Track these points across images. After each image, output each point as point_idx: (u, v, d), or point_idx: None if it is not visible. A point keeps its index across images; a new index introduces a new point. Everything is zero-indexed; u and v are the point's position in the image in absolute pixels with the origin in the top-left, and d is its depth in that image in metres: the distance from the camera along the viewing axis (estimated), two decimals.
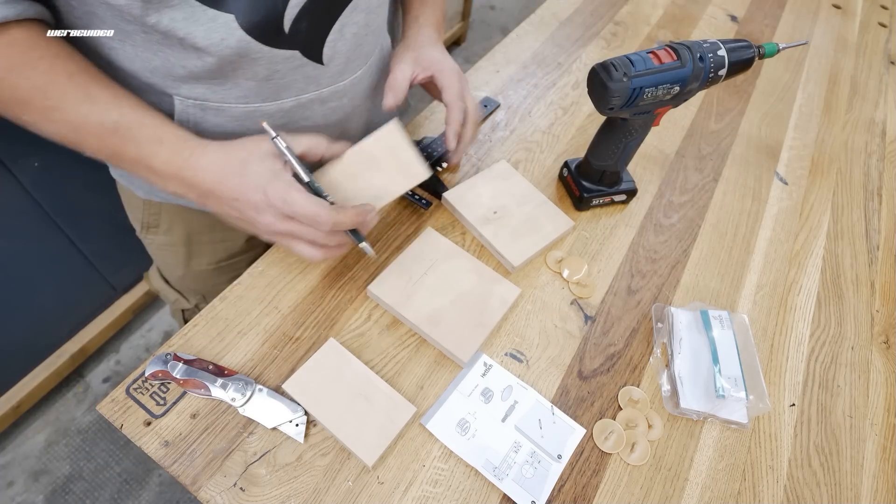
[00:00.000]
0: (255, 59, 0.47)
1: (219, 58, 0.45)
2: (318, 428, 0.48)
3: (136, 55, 0.46)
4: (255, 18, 0.44)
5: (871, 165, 0.86)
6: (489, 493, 0.47)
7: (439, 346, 0.53)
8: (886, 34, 1.15)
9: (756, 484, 0.52)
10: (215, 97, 0.50)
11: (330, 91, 0.55)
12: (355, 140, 0.69)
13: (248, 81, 0.50)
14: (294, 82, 0.52)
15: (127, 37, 0.44)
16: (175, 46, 0.45)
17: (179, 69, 0.47)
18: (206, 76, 0.48)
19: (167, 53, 0.45)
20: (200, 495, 0.44)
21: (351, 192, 0.52)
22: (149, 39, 0.44)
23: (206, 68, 0.47)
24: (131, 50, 0.46)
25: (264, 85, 0.51)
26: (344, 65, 0.54)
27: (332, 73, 0.54)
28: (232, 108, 0.51)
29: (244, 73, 0.48)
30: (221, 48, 0.45)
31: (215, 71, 0.47)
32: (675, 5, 1.06)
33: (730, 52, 0.54)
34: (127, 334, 1.38)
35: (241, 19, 0.44)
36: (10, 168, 0.90)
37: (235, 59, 0.46)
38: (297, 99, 0.54)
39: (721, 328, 0.58)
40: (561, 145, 0.76)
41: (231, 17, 0.43)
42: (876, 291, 0.70)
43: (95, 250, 1.14)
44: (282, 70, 0.50)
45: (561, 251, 0.64)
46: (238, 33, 0.44)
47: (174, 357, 0.48)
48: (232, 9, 0.43)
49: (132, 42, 0.45)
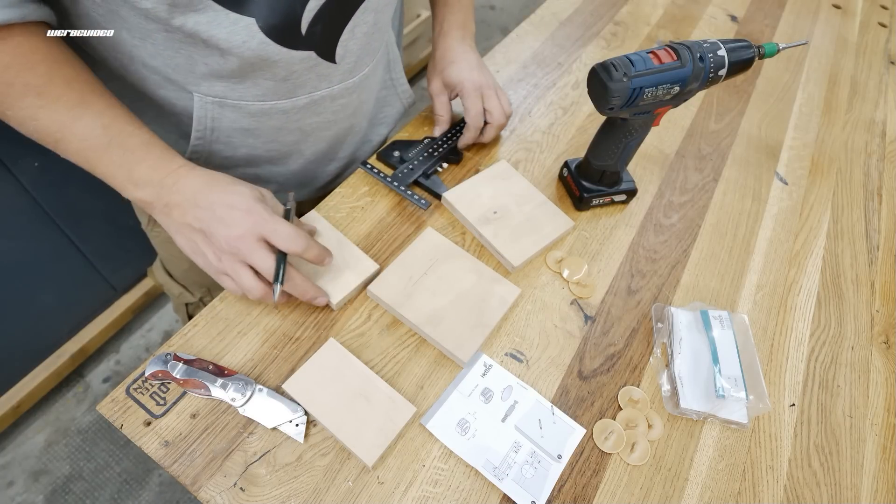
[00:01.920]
0: (274, 61, 0.49)
1: (240, 59, 0.47)
2: (318, 428, 0.48)
3: (158, 53, 0.47)
4: (274, 21, 0.46)
5: (871, 165, 0.86)
6: (489, 493, 0.47)
7: (439, 346, 0.53)
8: (886, 34, 1.15)
9: (756, 484, 0.52)
10: (234, 94, 0.52)
11: (340, 88, 0.57)
12: (359, 135, 0.71)
13: (266, 81, 0.51)
14: (308, 81, 0.54)
15: (147, 35, 0.45)
16: (199, 45, 0.46)
17: (202, 67, 0.48)
18: (228, 75, 0.49)
19: (190, 51, 0.47)
20: (200, 495, 0.44)
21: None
22: (171, 38, 0.45)
23: (229, 67, 0.48)
24: (152, 48, 0.46)
25: (281, 84, 0.52)
26: (354, 63, 0.56)
27: (343, 71, 0.56)
28: (249, 106, 0.53)
29: (263, 73, 0.50)
30: (243, 50, 0.46)
31: (236, 70, 0.49)
32: (675, 5, 1.06)
33: (730, 52, 0.54)
34: (127, 334, 1.38)
35: (261, 22, 0.45)
36: (10, 168, 0.90)
37: (256, 60, 0.48)
38: (310, 96, 0.55)
39: (721, 328, 0.58)
40: (561, 145, 0.76)
41: (252, 20, 0.44)
42: (876, 291, 0.70)
43: (95, 250, 1.14)
44: (298, 70, 0.51)
45: (561, 251, 0.64)
46: (259, 36, 0.46)
47: (174, 357, 0.48)
48: (253, 12, 0.44)
49: (153, 41, 0.46)
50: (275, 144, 0.59)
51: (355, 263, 0.56)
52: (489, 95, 0.65)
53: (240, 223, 0.45)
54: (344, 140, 0.67)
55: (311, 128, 0.59)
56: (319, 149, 0.64)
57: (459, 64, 0.66)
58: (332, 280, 0.54)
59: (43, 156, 0.93)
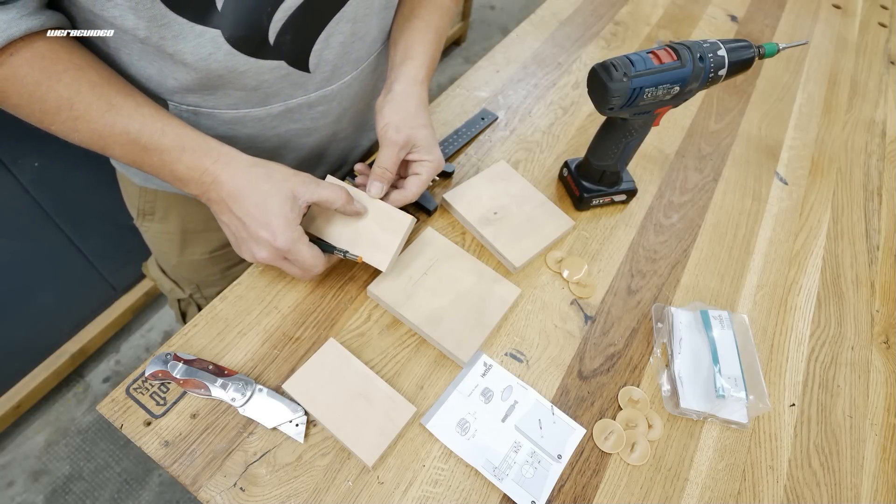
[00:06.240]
0: (242, 72, 0.49)
1: (207, 72, 0.47)
2: (318, 428, 0.48)
3: (132, 63, 0.47)
4: (240, 33, 0.45)
5: (871, 165, 0.86)
6: (489, 493, 0.47)
7: (439, 346, 0.53)
8: (886, 34, 1.15)
9: (756, 484, 0.52)
10: (207, 104, 0.52)
11: (318, 96, 0.56)
12: (346, 142, 0.69)
13: (237, 91, 0.51)
14: (281, 89, 0.53)
15: (124, 45, 0.45)
16: (167, 60, 0.46)
17: (172, 80, 0.48)
18: (197, 88, 0.49)
19: (160, 65, 0.47)
20: (200, 495, 0.44)
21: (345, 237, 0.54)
22: (144, 50, 0.45)
23: (196, 81, 0.48)
24: (126, 58, 0.47)
25: (253, 94, 0.52)
26: (331, 71, 0.55)
27: (318, 80, 0.55)
28: (223, 114, 0.53)
29: (233, 84, 0.50)
30: (209, 63, 0.46)
31: (205, 83, 0.49)
32: (675, 5, 1.06)
33: (730, 52, 0.54)
34: (127, 334, 1.38)
35: (227, 34, 0.45)
36: (10, 168, 0.90)
37: (224, 72, 0.48)
38: (285, 104, 0.55)
39: (721, 328, 0.58)
40: (561, 145, 0.76)
41: (217, 31, 0.44)
42: (876, 291, 0.70)
43: (95, 250, 1.14)
44: (269, 80, 0.51)
45: (561, 251, 0.64)
46: (225, 47, 0.46)
47: (174, 357, 0.48)
48: (218, 24, 0.44)
49: (128, 50, 0.46)
50: (253, 152, 0.58)
51: (388, 222, 0.53)
52: (428, 170, 0.57)
53: (266, 246, 0.48)
54: (328, 146, 0.66)
55: (290, 135, 0.59)
56: (301, 155, 0.63)
57: (414, 126, 0.56)
58: (372, 246, 0.53)
59: (43, 156, 0.93)
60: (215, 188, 0.48)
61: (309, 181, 0.49)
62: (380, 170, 0.53)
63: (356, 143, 0.72)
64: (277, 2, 0.45)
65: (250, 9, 0.44)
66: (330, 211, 0.53)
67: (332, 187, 0.50)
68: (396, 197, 0.55)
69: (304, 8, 0.47)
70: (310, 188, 0.49)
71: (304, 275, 0.51)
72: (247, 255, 0.50)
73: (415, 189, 0.55)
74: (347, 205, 0.51)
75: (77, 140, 0.46)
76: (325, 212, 0.54)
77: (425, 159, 0.55)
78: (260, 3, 0.44)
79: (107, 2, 0.40)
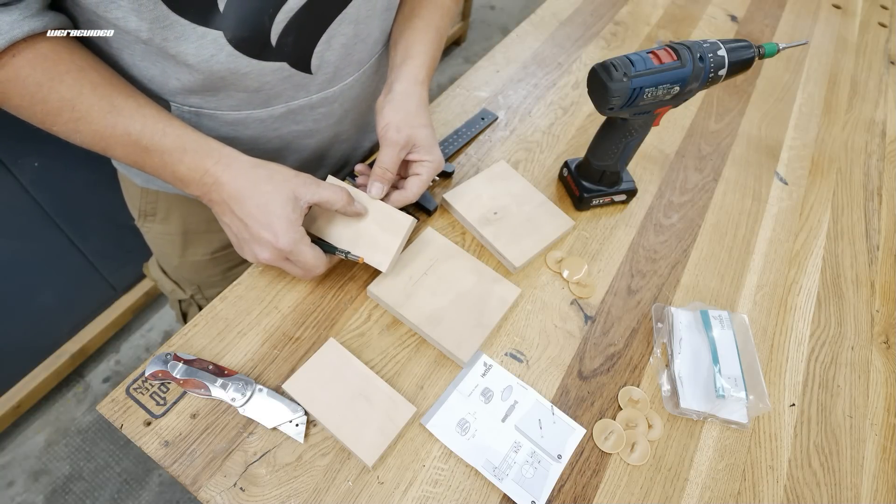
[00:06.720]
0: (244, 73, 0.49)
1: (209, 74, 0.47)
2: (318, 428, 0.48)
3: (134, 63, 0.47)
4: (242, 34, 0.45)
5: (871, 165, 0.86)
6: (489, 493, 0.47)
7: (439, 346, 0.53)
8: (886, 34, 1.15)
9: (756, 484, 0.52)
10: (209, 105, 0.52)
11: (319, 97, 0.56)
12: (348, 143, 0.69)
13: (239, 93, 0.51)
14: (284, 91, 0.53)
15: (126, 46, 0.45)
16: (169, 61, 0.46)
17: (174, 81, 0.48)
18: (199, 89, 0.49)
19: (163, 66, 0.47)
20: (200, 495, 0.44)
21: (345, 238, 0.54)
22: (147, 51, 0.45)
23: (199, 82, 0.48)
24: (129, 59, 0.47)
25: (254, 95, 0.52)
26: (333, 73, 0.55)
27: (320, 81, 0.55)
28: (225, 115, 0.53)
29: (235, 85, 0.50)
30: (212, 64, 0.46)
31: (207, 85, 0.49)
32: (675, 5, 1.06)
33: (730, 52, 0.54)
34: (127, 334, 1.38)
35: (229, 35, 0.45)
36: (10, 168, 0.90)
37: (226, 73, 0.48)
38: (287, 105, 0.55)
39: (721, 328, 0.58)
40: (561, 145, 0.76)
41: (220, 33, 0.44)
42: (876, 291, 0.70)
43: (95, 250, 1.14)
44: (271, 81, 0.51)
45: (561, 251, 0.64)
46: (227, 49, 0.46)
47: (174, 357, 0.48)
48: (220, 25, 0.44)
49: (130, 52, 0.46)
50: (255, 153, 0.58)
51: (388, 223, 0.53)
52: (429, 171, 0.57)
53: (268, 247, 0.48)
54: (330, 147, 0.66)
55: (292, 136, 0.59)
56: (302, 157, 0.63)
57: (413, 126, 0.56)
58: (373, 246, 0.53)
59: (43, 156, 0.93)
60: (217, 189, 0.48)
61: (310, 182, 0.49)
62: (380, 170, 0.53)
63: (358, 144, 0.72)
64: (279, 3, 0.45)
65: (252, 10, 0.44)
66: (331, 212, 0.53)
67: (333, 188, 0.50)
68: (397, 197, 0.55)
69: (307, 9, 0.47)
70: (311, 189, 0.49)
71: (305, 275, 0.52)
72: (249, 255, 0.50)
73: (415, 189, 0.55)
74: (348, 205, 0.51)
75: (79, 141, 0.46)
76: (326, 212, 0.54)
77: (425, 159, 0.55)
78: (262, 5, 0.45)
79: (110, 3, 0.40)
